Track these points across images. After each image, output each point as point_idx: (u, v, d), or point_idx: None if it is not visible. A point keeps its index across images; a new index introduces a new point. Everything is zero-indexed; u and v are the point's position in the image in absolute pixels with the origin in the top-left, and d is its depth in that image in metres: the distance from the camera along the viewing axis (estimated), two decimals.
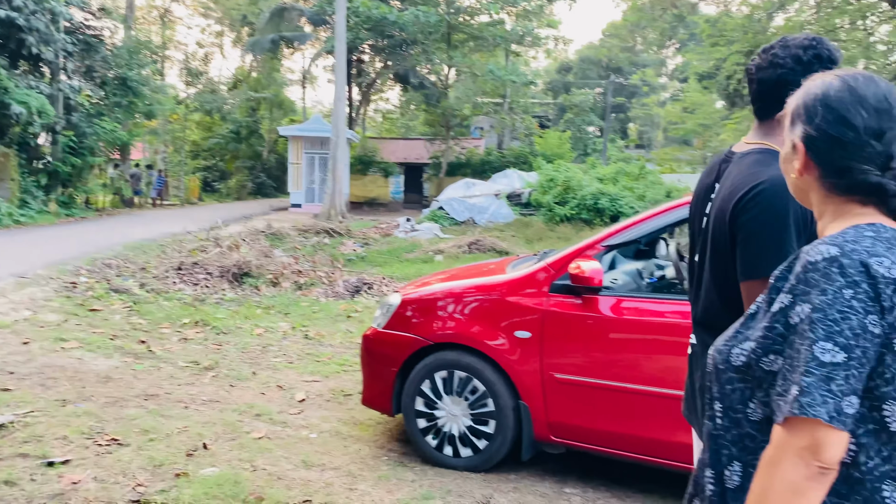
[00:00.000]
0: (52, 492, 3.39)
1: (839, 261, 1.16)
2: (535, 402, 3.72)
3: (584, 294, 3.61)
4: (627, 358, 3.58)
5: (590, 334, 3.66)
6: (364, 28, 29.02)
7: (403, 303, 4.18)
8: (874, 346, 1.13)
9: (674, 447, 3.32)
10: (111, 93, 21.71)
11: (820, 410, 1.12)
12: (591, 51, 52.81)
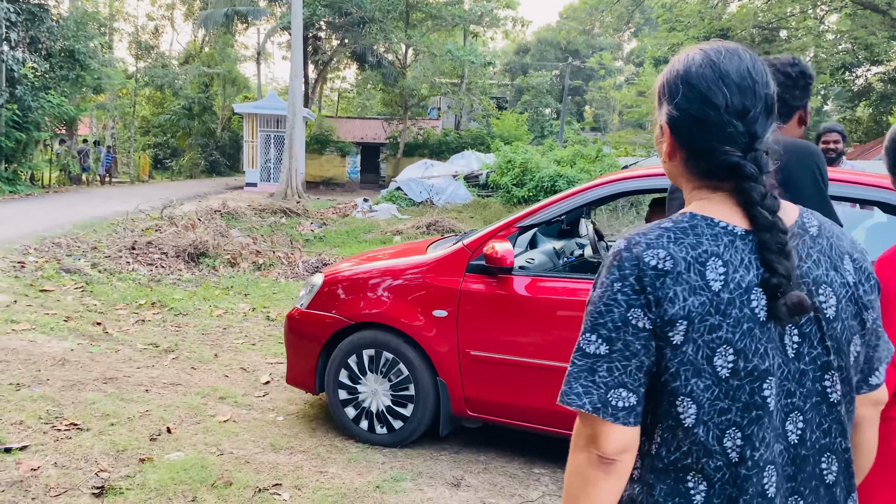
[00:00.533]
0: (10, 479, 3.29)
1: (621, 254, 1.16)
2: (452, 379, 3.82)
3: (497, 274, 3.71)
4: (539, 335, 3.66)
5: (502, 312, 3.74)
6: (321, 4, 28.50)
7: (326, 282, 4.24)
8: (640, 339, 1.13)
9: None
10: (57, 66, 20.87)
11: (579, 401, 1.16)
12: (548, 33, 52.90)
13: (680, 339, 1.12)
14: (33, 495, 3.16)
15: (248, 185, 28.57)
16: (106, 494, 3.21)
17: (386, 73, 33.60)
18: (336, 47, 34.93)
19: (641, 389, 1.15)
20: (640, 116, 39.91)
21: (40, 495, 3.17)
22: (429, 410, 3.89)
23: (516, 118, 34.90)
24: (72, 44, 20.96)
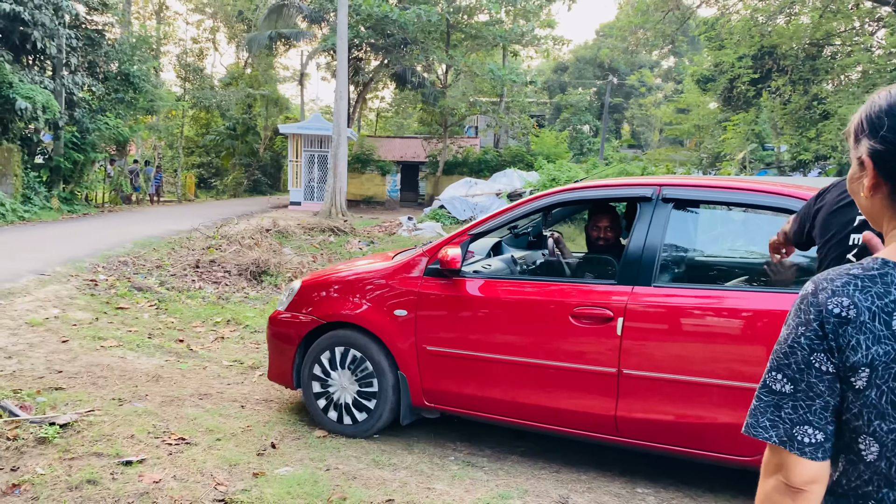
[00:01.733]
0: (136, 491, 3.40)
1: (807, 299, 1.20)
2: (411, 372, 4.21)
3: (448, 276, 4.12)
4: (487, 332, 4.02)
5: (455, 311, 4.13)
6: (364, 26, 28.95)
7: (303, 287, 4.67)
8: (823, 382, 1.18)
9: (525, 408, 3.95)
10: (113, 88, 21.53)
11: (766, 434, 1.22)
12: (586, 51, 52.93)
13: (863, 385, 1.15)
14: None
15: (293, 204, 28.99)
16: None
17: (426, 92, 33.93)
18: (377, 68, 35.41)
19: (829, 427, 1.20)
20: (680, 134, 39.61)
21: None
22: (390, 403, 4.27)
23: (556, 136, 34.93)
24: (127, 67, 21.61)
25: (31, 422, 4.17)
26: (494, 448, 4.33)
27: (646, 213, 3.80)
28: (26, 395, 4.67)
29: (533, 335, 3.90)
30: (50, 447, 3.85)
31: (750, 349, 3.38)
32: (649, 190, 3.83)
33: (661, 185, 3.82)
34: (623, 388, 3.64)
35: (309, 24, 35.78)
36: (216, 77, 42.46)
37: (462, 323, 4.10)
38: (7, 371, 5.27)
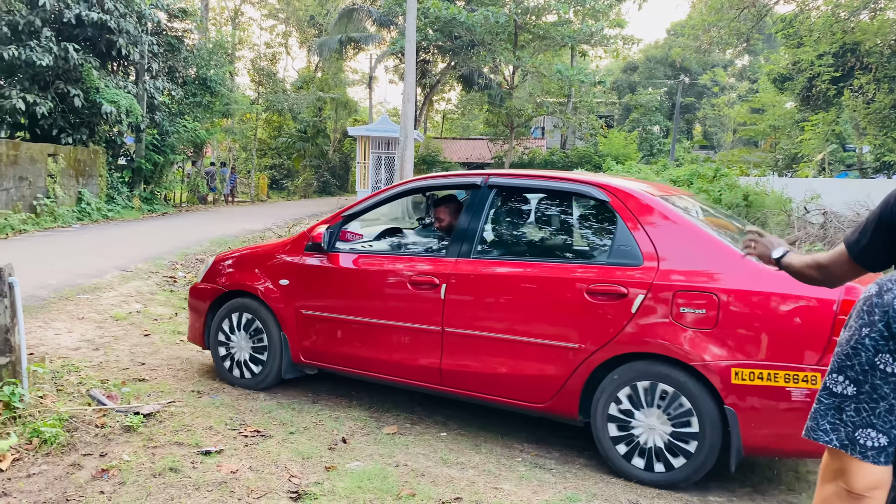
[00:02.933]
0: (215, 480, 3.54)
1: (871, 300, 1.19)
2: (291, 333, 4.90)
3: (322, 251, 4.80)
4: (351, 297, 4.72)
5: (323, 280, 4.83)
6: (432, 29, 29.16)
7: (215, 261, 5.44)
8: (888, 384, 1.14)
9: (376, 363, 4.61)
10: (191, 93, 22.35)
11: (826, 437, 1.18)
12: (656, 50, 51.92)
13: None
14: (238, 496, 3.39)
15: None
16: (302, 499, 3.40)
17: (492, 93, 33.93)
18: (444, 70, 35.62)
19: (893, 431, 1.16)
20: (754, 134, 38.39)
21: (244, 496, 3.39)
22: (277, 360, 4.97)
23: (625, 137, 34.36)
24: (204, 72, 22.39)
25: (118, 411, 4.39)
26: (562, 450, 4.31)
27: (474, 198, 4.51)
28: (112, 386, 4.91)
29: (381, 300, 4.61)
30: (135, 435, 4.04)
31: (543, 312, 4.04)
32: (479, 179, 4.55)
33: (489, 175, 4.56)
34: (445, 343, 4.32)
35: (378, 28, 36.28)
36: (288, 81, 43.51)
37: (328, 289, 4.82)
38: (95, 362, 5.55)
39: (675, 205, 4.05)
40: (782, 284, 3.40)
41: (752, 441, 3.54)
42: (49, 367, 5.10)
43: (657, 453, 3.76)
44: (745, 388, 3.50)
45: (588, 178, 4.37)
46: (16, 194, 14.81)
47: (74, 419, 4.15)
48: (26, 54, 15.39)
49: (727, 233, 4.04)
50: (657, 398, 3.74)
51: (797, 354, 3.44)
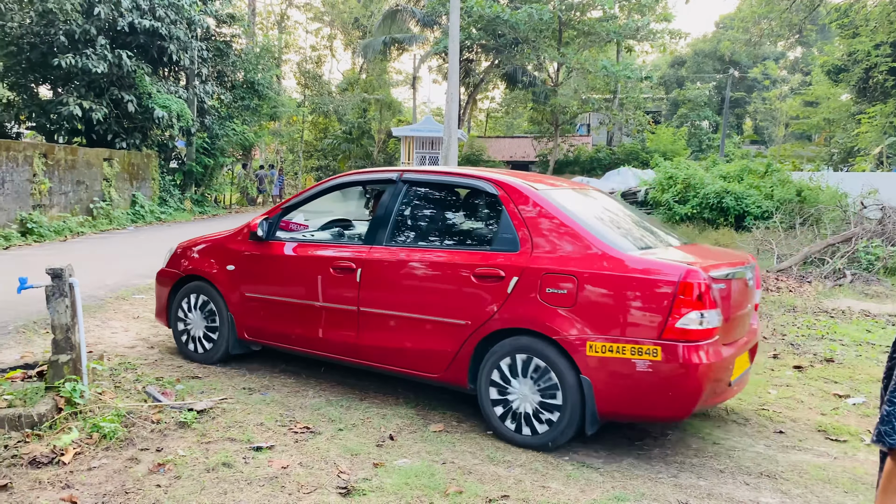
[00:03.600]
0: (266, 475, 3.61)
1: None
2: (237, 313, 5.51)
3: (261, 240, 5.40)
4: (279, 280, 5.30)
5: (260, 265, 5.42)
6: (475, 27, 29.15)
7: (177, 249, 6.00)
8: None
9: (306, 340, 5.15)
10: (239, 96, 22.81)
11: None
12: (705, 44, 50.90)
13: None
14: (289, 491, 3.45)
15: None
16: (351, 494, 3.45)
17: (537, 91, 33.75)
18: (487, 68, 35.56)
19: None
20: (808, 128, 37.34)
21: (294, 491, 3.45)
22: (226, 337, 5.53)
23: (673, 132, 33.79)
24: (252, 75, 22.82)
25: (172, 407, 4.51)
26: (610, 449, 4.27)
27: (390, 192, 5.03)
28: (167, 383, 5.05)
29: (310, 283, 5.08)
30: (189, 431, 4.15)
31: (438, 293, 4.52)
32: (395, 175, 5.11)
33: (403, 171, 5.11)
34: (360, 321, 4.83)
35: (421, 28, 36.43)
36: (333, 83, 44.02)
37: (265, 274, 5.39)
38: (150, 360, 5.72)
39: (555, 198, 4.50)
40: (632, 268, 3.93)
41: (605, 407, 3.98)
42: (107, 365, 5.27)
43: (526, 418, 4.22)
44: (599, 360, 3.93)
45: (482, 174, 4.79)
46: (73, 198, 15.33)
47: (132, 415, 4.29)
48: (82, 62, 15.91)
49: (611, 221, 4.59)
50: (531, 370, 4.19)
51: (641, 330, 3.84)
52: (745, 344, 4.41)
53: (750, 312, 4.60)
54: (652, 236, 4.72)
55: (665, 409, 3.90)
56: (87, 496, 3.31)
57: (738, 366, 4.24)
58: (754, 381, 5.93)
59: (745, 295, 4.43)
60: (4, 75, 17.45)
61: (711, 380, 3.86)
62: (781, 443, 4.54)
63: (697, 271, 3.82)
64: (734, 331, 4.24)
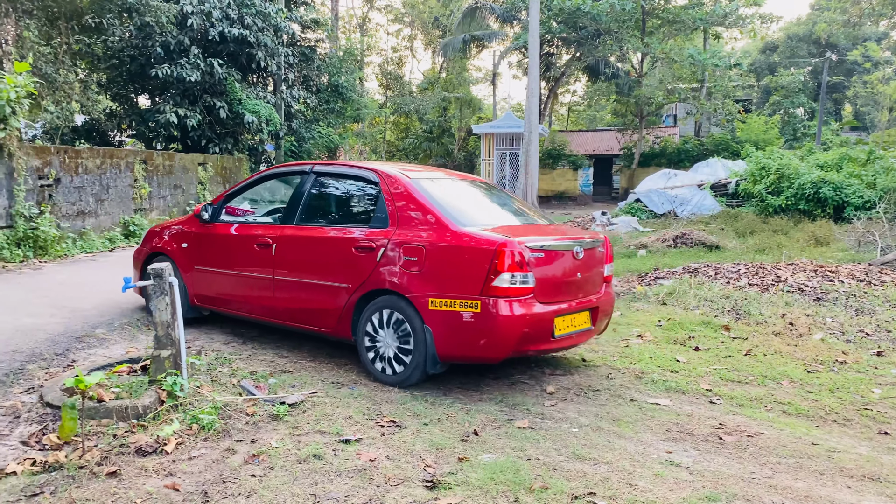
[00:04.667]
0: (354, 467, 3.70)
1: None
2: (189, 283, 6.68)
3: (205, 221, 6.61)
4: (226, 255, 6.39)
5: (205, 242, 6.60)
6: (555, 21, 28.83)
7: (148, 231, 7.34)
8: None
9: (239, 304, 6.33)
10: (324, 100, 23.39)
11: None
12: (798, 27, 48.53)
13: None
14: (377, 483, 3.53)
15: None
16: (437, 488, 3.49)
17: (620, 83, 33.09)
18: (568, 62, 35.11)
19: None
20: None
21: (382, 483, 3.53)
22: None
23: (765, 121, 32.41)
24: (336, 79, 23.36)
25: (265, 400, 4.69)
26: (699, 449, 4.16)
27: (301, 181, 6.13)
28: (260, 377, 5.25)
29: (240, 256, 6.22)
30: (281, 424, 4.31)
31: (330, 262, 5.55)
32: (308, 167, 6.20)
33: (314, 164, 6.22)
34: (275, 287, 5.91)
35: (501, 25, 36.35)
36: (414, 83, 44.51)
37: (208, 250, 6.55)
38: (244, 355, 5.96)
39: (420, 184, 5.46)
40: (465, 240, 4.89)
41: (442, 351, 4.92)
42: (204, 360, 5.53)
43: (391, 359, 5.20)
44: (437, 313, 4.88)
45: (367, 165, 5.89)
46: (171, 201, 16.12)
47: (228, 407, 4.48)
48: (177, 72, 16.70)
49: (464, 204, 5.63)
50: (392, 322, 5.17)
51: (468, 288, 4.79)
52: (577, 306, 5.28)
53: (585, 281, 5.41)
54: (511, 216, 5.90)
55: (485, 351, 4.84)
56: (188, 484, 3.49)
57: (566, 323, 5.15)
58: (855, 379, 5.64)
59: (573, 265, 5.27)
60: (107, 87, 18.53)
61: (522, 330, 4.78)
62: (886, 444, 4.30)
63: (511, 242, 4.77)
64: (558, 293, 5.13)
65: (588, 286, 5.45)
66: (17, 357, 5.49)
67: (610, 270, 5.85)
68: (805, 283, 9.18)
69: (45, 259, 10.85)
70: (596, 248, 5.60)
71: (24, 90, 10.37)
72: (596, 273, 5.57)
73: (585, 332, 5.41)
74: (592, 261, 5.49)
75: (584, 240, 5.43)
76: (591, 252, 5.47)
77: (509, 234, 4.94)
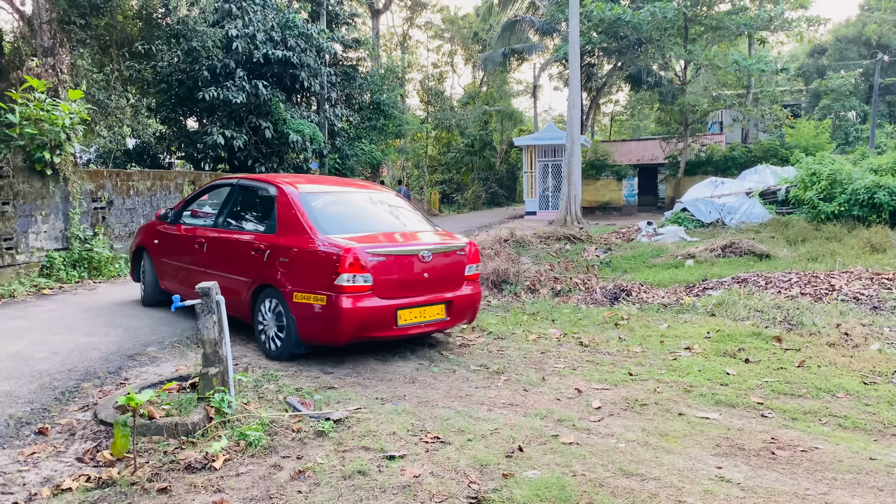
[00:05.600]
0: (399, 483, 3.71)
1: None
2: (158, 272, 8.36)
3: (167, 223, 8.30)
4: (182, 252, 7.78)
5: (167, 240, 8.17)
6: (595, 31, 28.67)
7: (139, 230, 9.14)
8: None
9: (190, 293, 6.98)
10: (366, 117, 23.67)
11: None
12: (848, 29, 47.31)
13: None
14: (421, 499, 3.52)
15: (528, 214, 29.55)
16: None
17: (663, 91, 32.68)
18: (609, 72, 34.85)
19: None
20: None
21: (426, 500, 3.52)
22: (153, 286, 8.48)
23: (814, 126, 31.59)
24: (377, 96, 23.63)
25: (311, 417, 4.73)
26: (752, 464, 4.04)
27: (229, 192, 7.58)
28: (305, 394, 5.31)
29: (187, 252, 7.67)
30: (326, 440, 4.34)
31: (238, 259, 6.81)
32: (235, 181, 7.65)
33: (240, 178, 7.67)
34: (206, 278, 6.60)
35: (540, 37, 36.31)
36: (455, 98, 44.74)
37: (169, 246, 8.10)
38: (290, 371, 6.03)
39: (303, 197, 6.61)
40: (321, 246, 6.04)
41: (302, 335, 6.12)
42: (251, 377, 5.61)
43: (271, 338, 6.43)
44: (298, 304, 6.06)
45: (270, 178, 7.15)
46: None
47: (274, 424, 4.54)
48: (223, 94, 17.12)
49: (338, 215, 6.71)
50: (273, 310, 6.40)
51: (319, 285, 5.94)
52: (428, 301, 6.30)
53: (437, 279, 6.38)
54: (383, 225, 6.86)
55: (330, 336, 5.99)
56: (236, 500, 3.54)
57: (413, 315, 6.20)
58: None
59: (421, 267, 6.24)
60: (157, 111, 19.09)
61: (360, 320, 5.87)
62: None
63: (353, 248, 5.88)
64: (401, 290, 6.14)
65: (442, 284, 6.47)
66: (73, 375, 5.66)
67: (473, 270, 6.86)
68: (861, 292, 8.89)
69: (98, 279, 11.19)
70: (454, 251, 6.63)
71: (78, 116, 10.76)
72: (453, 272, 6.60)
73: (439, 322, 6.47)
74: (446, 262, 6.51)
75: (435, 245, 6.45)
76: (444, 255, 6.50)
77: (360, 241, 6.03)
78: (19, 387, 5.29)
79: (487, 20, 40.61)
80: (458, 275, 6.64)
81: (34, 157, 10.40)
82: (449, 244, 6.61)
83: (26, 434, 4.49)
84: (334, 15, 23.25)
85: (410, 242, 6.43)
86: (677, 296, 9.88)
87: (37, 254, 10.66)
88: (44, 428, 4.55)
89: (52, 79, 13.05)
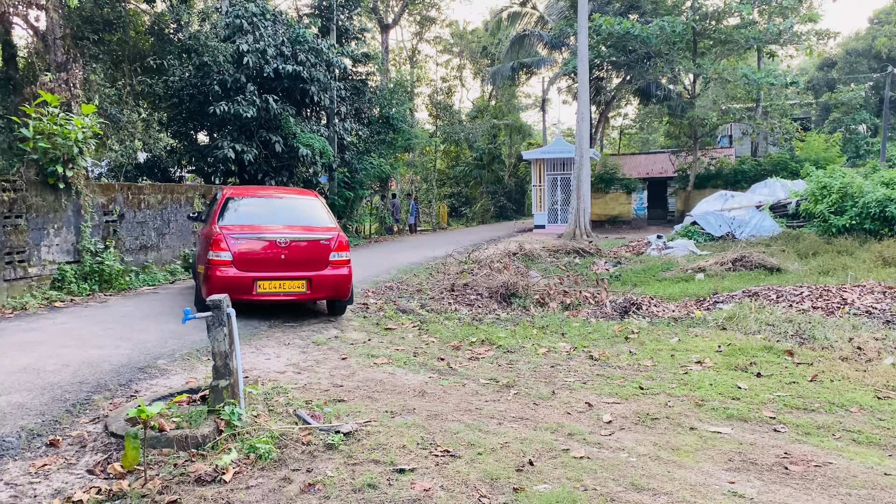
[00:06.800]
0: (409, 497, 3.69)
1: None
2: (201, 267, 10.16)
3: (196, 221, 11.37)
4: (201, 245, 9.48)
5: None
6: (604, 45, 28.77)
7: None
8: None
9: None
10: (375, 131, 23.79)
11: None
12: (858, 42, 47.26)
13: None
14: None
15: (537, 228, 29.54)
16: None
17: (672, 104, 32.71)
18: (618, 85, 34.92)
19: None
20: None
21: None
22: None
23: (824, 139, 31.50)
24: (387, 111, 23.75)
25: (321, 430, 4.72)
26: (765, 479, 4.00)
27: (213, 197, 9.52)
28: (316, 406, 5.29)
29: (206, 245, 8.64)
30: (336, 453, 4.33)
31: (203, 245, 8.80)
32: (221, 192, 9.28)
33: (227, 189, 9.31)
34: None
35: (549, 51, 36.48)
36: (463, 112, 44.92)
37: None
38: (300, 384, 6.02)
39: (227, 199, 9.02)
40: (214, 233, 8.23)
41: (201, 294, 8.42)
42: (261, 389, 5.61)
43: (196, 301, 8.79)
44: (199, 273, 8.70)
45: (225, 187, 8.50)
46: None
47: (284, 437, 4.53)
48: (234, 108, 17.26)
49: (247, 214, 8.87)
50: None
51: (204, 259, 8.31)
52: (287, 276, 8.19)
53: (298, 260, 8.27)
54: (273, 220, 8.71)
55: (208, 294, 7.55)
56: None
57: (273, 286, 8.16)
58: None
59: (278, 249, 8.22)
60: (168, 125, 19.25)
61: (223, 285, 7.76)
62: None
63: (219, 232, 8.19)
64: (259, 266, 8.16)
65: (304, 265, 8.29)
66: (84, 388, 5.68)
67: (338, 257, 8.48)
68: (873, 306, 8.82)
69: (109, 292, 11.25)
70: (316, 240, 8.41)
71: (90, 131, 10.87)
72: (316, 257, 8.35)
73: (299, 293, 8.28)
74: (306, 248, 8.33)
75: (294, 234, 8.34)
76: (306, 242, 8.35)
77: (230, 229, 8.24)
78: (31, 399, 5.31)
79: (496, 34, 40.82)
80: (321, 259, 8.39)
81: (47, 171, 10.50)
82: (309, 235, 8.43)
83: (38, 446, 4.50)
84: (344, 30, 23.44)
85: (273, 231, 8.34)
86: (688, 309, 9.83)
87: (49, 266, 10.74)
88: (55, 440, 4.56)
89: (66, 93, 13.19)
